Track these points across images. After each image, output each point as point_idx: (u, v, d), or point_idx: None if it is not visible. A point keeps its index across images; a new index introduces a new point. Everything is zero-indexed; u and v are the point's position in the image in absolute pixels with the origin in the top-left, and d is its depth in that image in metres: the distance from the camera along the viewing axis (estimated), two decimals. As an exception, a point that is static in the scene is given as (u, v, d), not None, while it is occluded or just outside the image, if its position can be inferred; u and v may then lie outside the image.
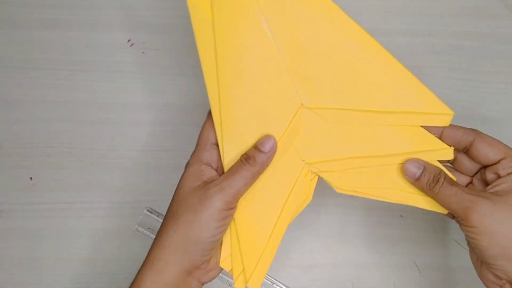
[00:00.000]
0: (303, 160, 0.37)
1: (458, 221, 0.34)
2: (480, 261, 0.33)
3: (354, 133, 0.36)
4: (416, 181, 0.34)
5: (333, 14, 0.35)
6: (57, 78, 0.49)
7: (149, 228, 0.46)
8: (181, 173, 0.35)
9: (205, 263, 0.34)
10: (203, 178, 0.34)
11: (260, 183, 0.36)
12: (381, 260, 0.45)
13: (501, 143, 0.34)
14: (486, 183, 0.35)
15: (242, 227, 0.36)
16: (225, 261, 0.36)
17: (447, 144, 0.36)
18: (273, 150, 0.34)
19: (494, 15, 0.51)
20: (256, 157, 0.33)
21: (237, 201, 0.34)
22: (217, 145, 0.35)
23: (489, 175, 0.34)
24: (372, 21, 0.51)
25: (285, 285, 0.45)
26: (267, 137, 0.34)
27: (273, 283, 0.45)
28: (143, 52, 0.50)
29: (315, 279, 0.46)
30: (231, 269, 0.36)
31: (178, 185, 0.35)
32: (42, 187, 0.47)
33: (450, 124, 0.36)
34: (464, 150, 0.36)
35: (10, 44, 0.50)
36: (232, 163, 0.34)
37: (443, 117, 0.35)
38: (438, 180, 0.33)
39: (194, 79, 0.49)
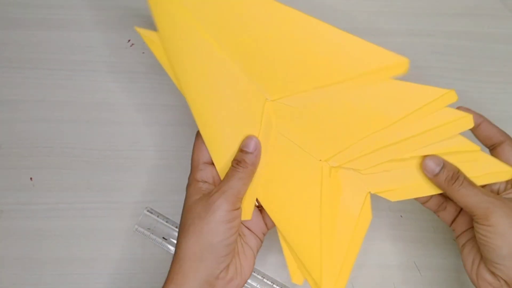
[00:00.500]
0: (320, 160, 0.37)
1: (474, 220, 0.35)
2: (477, 262, 0.35)
3: (343, 113, 0.36)
4: (435, 177, 0.35)
5: (268, 7, 0.36)
6: (57, 78, 0.49)
7: (149, 229, 0.46)
8: (181, 173, 0.35)
9: (223, 272, 0.35)
10: (203, 192, 0.36)
11: (289, 196, 0.37)
12: (381, 260, 0.45)
13: None
14: (497, 192, 0.37)
15: (294, 240, 0.37)
16: (295, 276, 0.38)
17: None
18: (258, 148, 0.36)
19: (494, 15, 0.51)
20: (245, 159, 0.36)
21: (240, 201, 0.36)
22: (208, 163, 0.37)
23: (503, 185, 0.36)
24: (372, 21, 0.51)
25: (285, 285, 0.45)
26: (248, 138, 0.36)
27: (273, 283, 0.45)
28: (143, 52, 0.50)
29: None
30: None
31: (183, 205, 0.37)
32: (42, 187, 0.47)
33: (487, 121, 0.37)
34: (490, 148, 0.37)
35: (10, 44, 0.50)
36: (226, 171, 0.36)
37: (401, 66, 0.35)
38: (458, 178, 0.35)
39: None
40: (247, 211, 0.37)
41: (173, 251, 0.45)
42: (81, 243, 0.46)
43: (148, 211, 0.46)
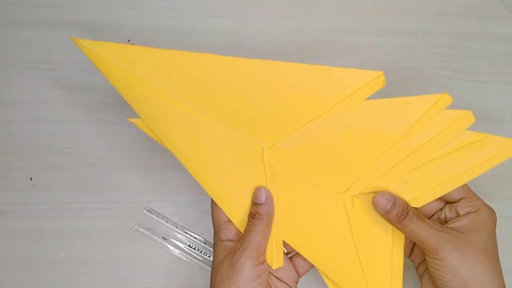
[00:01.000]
0: (339, 193, 0.38)
1: (425, 253, 0.36)
2: None
3: (346, 142, 0.37)
4: (386, 214, 0.36)
5: (230, 64, 0.37)
6: (57, 78, 0.49)
7: (149, 229, 0.46)
8: (181, 173, 0.35)
9: None
10: (229, 250, 0.36)
11: (320, 235, 0.38)
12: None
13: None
14: (443, 221, 0.38)
15: (337, 275, 0.38)
16: None
17: None
18: (269, 197, 0.37)
19: (494, 15, 0.51)
20: (259, 211, 0.36)
21: (263, 255, 0.36)
22: (229, 221, 0.38)
23: (449, 213, 0.37)
24: (372, 21, 0.51)
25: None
26: (258, 190, 0.37)
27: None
28: (143, 52, 0.50)
29: (315, 279, 0.46)
30: None
31: (212, 263, 0.37)
32: (42, 187, 0.47)
33: None
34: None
35: (10, 44, 0.50)
36: (244, 225, 0.37)
37: (377, 80, 0.36)
38: (407, 214, 0.36)
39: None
40: (278, 258, 0.37)
41: (173, 251, 0.45)
42: (81, 243, 0.46)
43: (148, 211, 0.46)
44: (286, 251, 0.40)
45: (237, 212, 0.38)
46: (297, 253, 0.40)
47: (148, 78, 0.37)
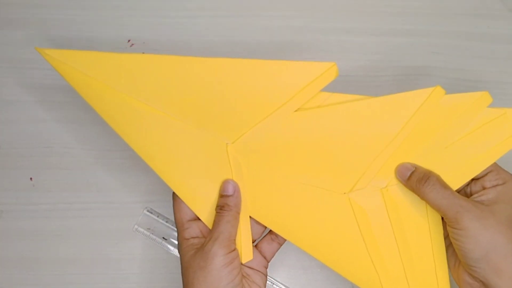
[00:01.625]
0: (344, 193, 0.38)
1: (446, 222, 0.36)
2: (458, 262, 0.36)
3: (344, 140, 0.37)
4: (407, 182, 0.37)
5: (188, 63, 0.37)
6: (57, 78, 0.49)
7: (149, 228, 0.46)
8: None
9: None
10: (196, 247, 0.36)
11: (331, 237, 0.38)
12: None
13: None
14: (469, 195, 0.37)
15: (353, 276, 0.38)
16: None
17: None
18: (237, 189, 0.38)
19: (494, 15, 0.51)
20: (227, 202, 0.37)
21: (233, 243, 0.36)
22: (191, 220, 0.38)
23: (475, 188, 0.37)
24: (372, 21, 0.51)
25: (284, 285, 0.45)
26: (226, 182, 0.37)
27: (273, 283, 0.45)
28: (143, 52, 0.50)
29: (315, 279, 0.46)
30: None
31: (181, 265, 0.37)
32: (42, 187, 0.47)
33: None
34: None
35: (10, 44, 0.50)
36: (212, 220, 0.37)
37: (331, 71, 0.37)
38: (428, 178, 0.36)
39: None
40: (247, 253, 0.38)
41: (173, 251, 0.45)
42: (81, 243, 0.46)
43: (148, 211, 0.46)
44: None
45: (204, 208, 0.38)
46: (262, 239, 0.40)
47: (112, 83, 0.37)
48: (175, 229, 0.46)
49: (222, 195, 0.37)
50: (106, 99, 0.37)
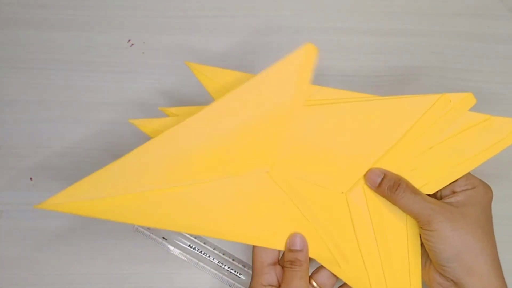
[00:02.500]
0: (342, 192, 0.38)
1: (419, 225, 0.37)
2: (429, 263, 0.37)
3: (344, 142, 0.37)
4: (378, 188, 0.37)
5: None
6: (57, 78, 0.49)
7: (149, 228, 0.46)
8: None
9: None
10: None
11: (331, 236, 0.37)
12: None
13: None
14: (438, 199, 0.38)
15: (349, 276, 0.38)
16: None
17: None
18: (305, 243, 0.37)
19: (494, 15, 0.51)
20: (298, 257, 0.36)
21: None
22: (271, 265, 0.37)
23: (445, 192, 0.38)
24: (372, 21, 0.51)
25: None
26: (293, 236, 0.37)
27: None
28: (143, 52, 0.50)
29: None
30: None
31: None
32: (42, 187, 0.47)
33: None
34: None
35: (10, 44, 0.50)
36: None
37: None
38: (399, 185, 0.36)
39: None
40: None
41: (173, 251, 0.45)
42: (80, 243, 0.46)
43: (148, 211, 0.46)
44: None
45: (279, 240, 0.37)
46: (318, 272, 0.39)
47: (129, 189, 0.35)
48: (175, 229, 0.46)
49: (290, 250, 0.37)
50: (134, 207, 0.35)
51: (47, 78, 0.49)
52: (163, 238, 0.46)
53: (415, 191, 0.36)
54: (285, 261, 0.37)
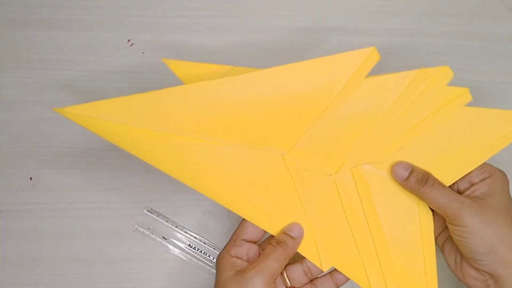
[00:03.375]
0: (330, 174, 0.38)
1: (448, 221, 0.36)
2: (459, 259, 0.37)
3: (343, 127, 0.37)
4: (405, 182, 0.37)
5: (217, 86, 0.36)
6: (57, 78, 0.49)
7: (149, 228, 0.46)
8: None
9: None
10: (237, 268, 0.36)
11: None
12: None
13: None
14: (458, 193, 0.37)
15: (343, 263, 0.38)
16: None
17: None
18: (301, 235, 0.37)
19: (494, 15, 0.51)
20: (287, 241, 0.36)
21: (274, 282, 0.36)
22: (246, 241, 0.37)
23: (462, 185, 0.37)
24: (372, 21, 0.51)
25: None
26: (294, 223, 0.37)
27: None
28: (143, 52, 0.50)
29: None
30: None
31: (216, 278, 0.36)
32: (42, 187, 0.47)
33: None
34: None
35: (9, 44, 0.50)
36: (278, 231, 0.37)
37: (372, 55, 0.35)
38: (427, 180, 0.36)
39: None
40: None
41: (173, 250, 0.45)
42: (81, 243, 0.46)
43: (148, 210, 0.46)
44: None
45: (271, 223, 0.37)
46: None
47: (146, 124, 0.35)
48: (175, 228, 0.46)
49: (285, 232, 0.37)
50: (146, 142, 0.36)
51: (47, 78, 0.49)
52: (163, 238, 0.46)
53: (443, 185, 0.36)
54: (272, 240, 0.36)
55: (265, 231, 0.38)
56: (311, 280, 0.39)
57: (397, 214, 0.38)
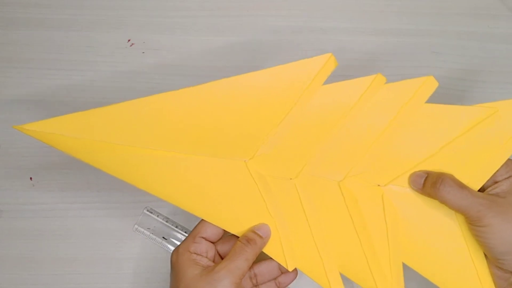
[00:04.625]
0: (291, 179, 0.38)
1: (468, 221, 0.36)
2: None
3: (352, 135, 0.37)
4: (423, 189, 0.37)
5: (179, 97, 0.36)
6: (57, 78, 0.49)
7: (149, 228, 0.46)
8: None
9: None
10: (201, 264, 0.36)
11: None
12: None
13: None
14: (481, 191, 0.37)
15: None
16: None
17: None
18: (268, 236, 0.37)
19: (494, 15, 0.51)
20: (256, 240, 0.36)
21: (241, 282, 0.36)
22: (204, 239, 0.37)
23: (487, 183, 0.37)
24: (372, 21, 0.51)
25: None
26: (262, 224, 0.37)
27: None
28: (143, 52, 0.50)
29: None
30: None
31: (178, 272, 0.36)
32: (42, 187, 0.47)
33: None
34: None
35: (10, 44, 0.50)
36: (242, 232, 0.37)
37: (329, 62, 0.36)
38: (442, 180, 0.35)
39: (194, 79, 0.49)
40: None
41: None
42: (81, 243, 0.46)
43: (148, 211, 0.46)
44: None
45: (236, 225, 0.38)
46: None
47: (108, 138, 0.36)
48: (175, 229, 0.46)
49: (254, 231, 0.37)
50: (109, 156, 0.36)
51: (47, 78, 0.49)
52: (163, 238, 0.46)
53: (461, 185, 0.35)
54: (241, 237, 0.37)
55: (224, 231, 0.38)
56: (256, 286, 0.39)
57: (434, 225, 0.38)
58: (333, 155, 0.38)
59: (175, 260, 0.36)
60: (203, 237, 0.37)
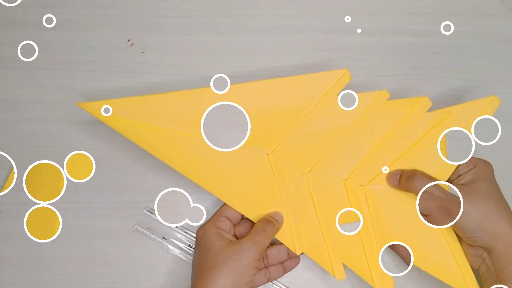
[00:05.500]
0: (304, 174, 0.44)
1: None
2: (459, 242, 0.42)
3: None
4: (399, 184, 0.42)
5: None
6: (57, 78, 0.49)
7: (149, 228, 0.46)
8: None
9: None
10: (227, 237, 0.41)
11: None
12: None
13: None
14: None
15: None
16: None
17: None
18: (282, 223, 0.43)
19: (494, 15, 0.51)
20: (274, 222, 0.42)
21: (262, 254, 0.41)
22: (228, 218, 0.43)
23: (452, 177, 0.43)
24: (372, 21, 0.51)
25: (284, 285, 0.45)
26: (277, 212, 0.43)
27: (273, 283, 0.45)
28: (143, 52, 0.50)
29: (315, 279, 0.46)
30: None
31: (205, 244, 0.41)
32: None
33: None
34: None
35: (10, 44, 0.50)
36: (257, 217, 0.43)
37: (345, 76, 0.43)
38: (415, 174, 0.41)
39: (194, 79, 0.49)
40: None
41: (173, 250, 0.45)
42: (81, 243, 0.46)
43: (148, 211, 0.46)
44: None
45: (252, 210, 0.43)
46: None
47: (159, 122, 0.42)
48: (175, 229, 0.46)
49: (271, 216, 0.42)
50: (152, 136, 0.42)
51: (47, 78, 0.49)
52: (163, 238, 0.46)
53: (431, 178, 0.41)
54: (261, 218, 0.42)
55: (242, 217, 0.44)
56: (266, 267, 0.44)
57: (410, 214, 0.42)
58: (340, 156, 0.43)
59: (202, 234, 0.41)
60: (226, 217, 0.42)
